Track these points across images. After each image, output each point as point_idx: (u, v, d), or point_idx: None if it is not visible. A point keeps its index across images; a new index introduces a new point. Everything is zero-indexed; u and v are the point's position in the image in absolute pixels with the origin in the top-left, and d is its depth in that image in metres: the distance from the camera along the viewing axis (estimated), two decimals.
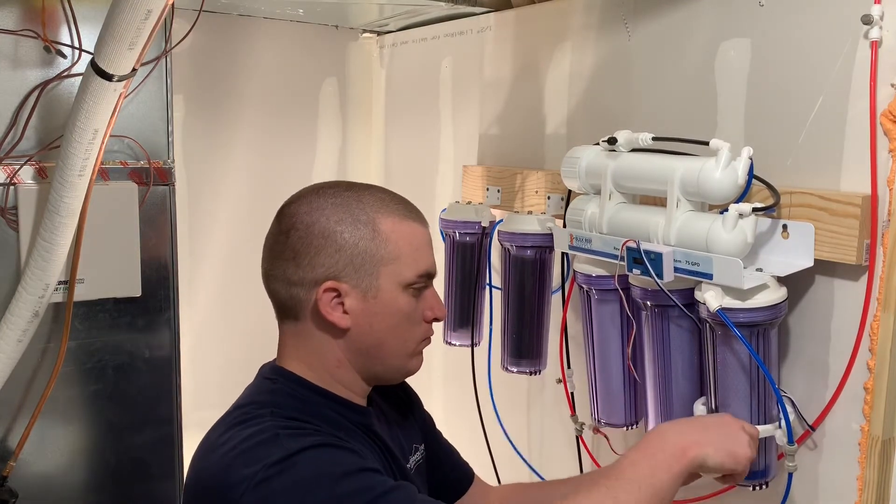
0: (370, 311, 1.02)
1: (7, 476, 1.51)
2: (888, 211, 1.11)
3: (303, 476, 0.89)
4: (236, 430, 0.96)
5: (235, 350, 2.30)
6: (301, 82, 2.32)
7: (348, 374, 1.06)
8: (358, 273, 1.01)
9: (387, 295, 1.02)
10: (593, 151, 1.40)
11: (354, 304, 1.01)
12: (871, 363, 1.14)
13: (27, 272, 1.44)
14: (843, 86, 1.16)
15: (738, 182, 1.16)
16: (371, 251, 1.01)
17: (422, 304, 1.06)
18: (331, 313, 1.01)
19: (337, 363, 1.05)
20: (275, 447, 0.92)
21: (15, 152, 1.48)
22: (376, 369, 1.07)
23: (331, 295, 1.01)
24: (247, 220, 2.27)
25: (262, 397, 1.03)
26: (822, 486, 1.22)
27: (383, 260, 1.02)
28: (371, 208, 1.03)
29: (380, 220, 1.03)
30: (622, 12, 1.54)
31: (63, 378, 1.55)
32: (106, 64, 1.27)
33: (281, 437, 0.93)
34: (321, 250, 1.01)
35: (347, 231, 1.01)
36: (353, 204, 1.03)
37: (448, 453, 1.28)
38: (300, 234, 1.02)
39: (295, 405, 1.01)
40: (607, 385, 1.44)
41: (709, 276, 1.16)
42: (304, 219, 1.03)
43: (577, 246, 1.40)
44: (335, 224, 1.01)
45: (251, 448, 0.93)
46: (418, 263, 1.04)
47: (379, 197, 1.06)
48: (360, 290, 1.01)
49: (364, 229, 1.02)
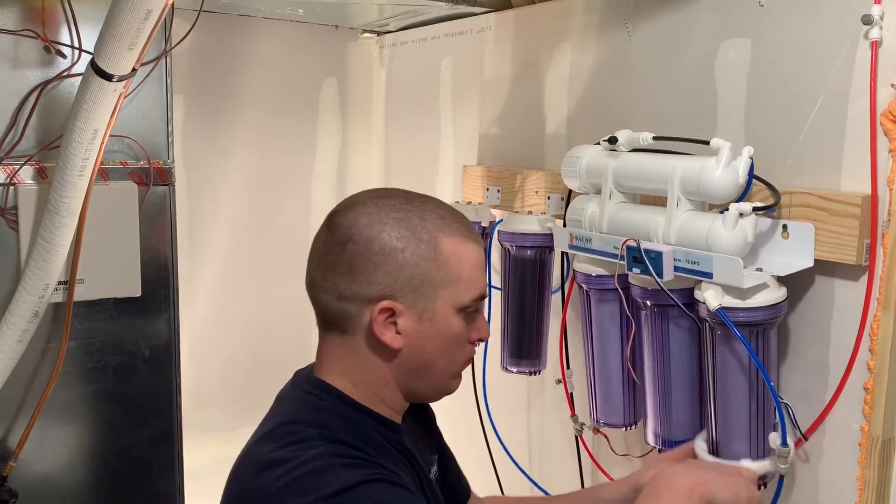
0: (424, 333, 0.99)
1: (7, 476, 1.51)
2: (888, 211, 1.11)
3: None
4: (287, 451, 0.93)
5: (235, 350, 2.30)
6: (301, 82, 2.32)
7: (392, 393, 1.03)
8: (415, 294, 0.98)
9: (441, 318, 0.99)
10: (594, 151, 1.40)
11: (408, 325, 0.98)
12: (871, 363, 1.14)
13: (27, 272, 1.44)
14: (843, 86, 1.16)
15: (739, 181, 1.16)
16: (431, 273, 0.98)
17: (470, 327, 1.04)
18: (384, 333, 0.98)
19: (384, 381, 1.02)
20: (331, 477, 0.90)
21: (15, 152, 1.48)
22: (420, 389, 1.05)
23: (385, 314, 0.98)
24: (247, 220, 2.27)
25: (307, 416, 1.00)
26: (823, 486, 1.22)
27: (442, 283, 0.99)
28: (433, 226, 0.99)
29: (441, 241, 0.99)
30: (622, 12, 1.54)
31: (63, 378, 1.55)
32: (106, 64, 1.27)
33: (336, 466, 0.91)
34: (380, 267, 0.97)
35: (409, 250, 0.97)
36: (416, 220, 0.99)
37: (453, 464, 1.27)
38: (359, 249, 0.98)
39: (342, 425, 0.99)
40: (607, 385, 1.44)
41: (709, 275, 1.16)
42: (363, 232, 0.98)
43: (577, 245, 1.39)
44: (396, 241, 0.97)
45: (306, 476, 0.90)
46: (474, 287, 1.02)
47: (440, 214, 1.02)
48: (416, 311, 0.98)
49: (426, 249, 0.98)
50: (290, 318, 2.35)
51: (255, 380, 2.31)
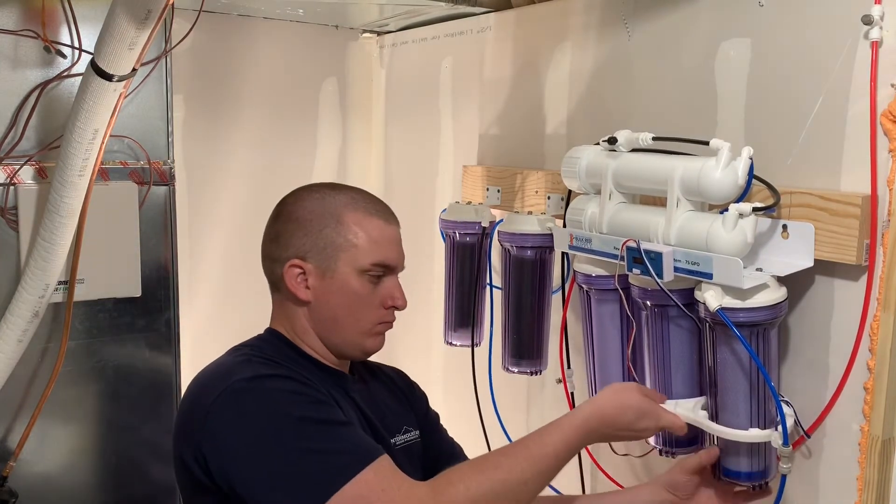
0: (327, 288, 1.18)
1: (7, 476, 1.51)
2: (888, 211, 1.11)
3: (268, 394, 1.05)
4: (219, 360, 1.15)
5: None
6: (301, 82, 2.32)
7: (314, 340, 1.21)
8: (320, 255, 1.18)
9: (342, 276, 1.18)
10: (593, 151, 1.40)
11: (315, 281, 1.18)
12: (871, 363, 1.14)
13: (27, 272, 1.44)
14: (843, 86, 1.16)
15: (738, 182, 1.16)
16: (332, 237, 1.18)
17: (381, 291, 1.20)
18: (296, 287, 1.18)
19: (303, 330, 1.21)
20: (248, 368, 1.10)
21: (15, 152, 1.48)
22: (334, 341, 1.21)
23: (296, 271, 1.18)
24: (247, 220, 2.26)
25: (250, 342, 1.22)
26: (823, 486, 1.22)
27: (342, 246, 1.18)
28: (341, 203, 1.20)
29: (346, 214, 1.19)
30: (622, 12, 1.54)
31: (63, 378, 1.55)
32: (106, 64, 1.27)
33: (254, 362, 1.12)
34: (294, 233, 1.19)
35: (317, 220, 1.19)
36: (329, 199, 1.21)
37: (449, 448, 1.36)
38: (282, 220, 1.21)
39: (273, 351, 1.18)
40: (607, 384, 1.44)
41: (709, 276, 1.16)
42: (288, 208, 1.22)
43: (577, 246, 1.39)
44: (308, 213, 1.19)
45: (226, 367, 1.11)
46: (374, 254, 1.19)
47: (353, 196, 1.22)
48: (321, 269, 1.18)
49: (330, 219, 1.19)
50: None
51: None
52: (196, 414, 1.07)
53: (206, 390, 1.08)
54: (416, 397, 1.36)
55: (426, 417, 1.35)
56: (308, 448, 1.01)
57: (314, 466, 1.00)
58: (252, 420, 1.03)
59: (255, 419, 1.03)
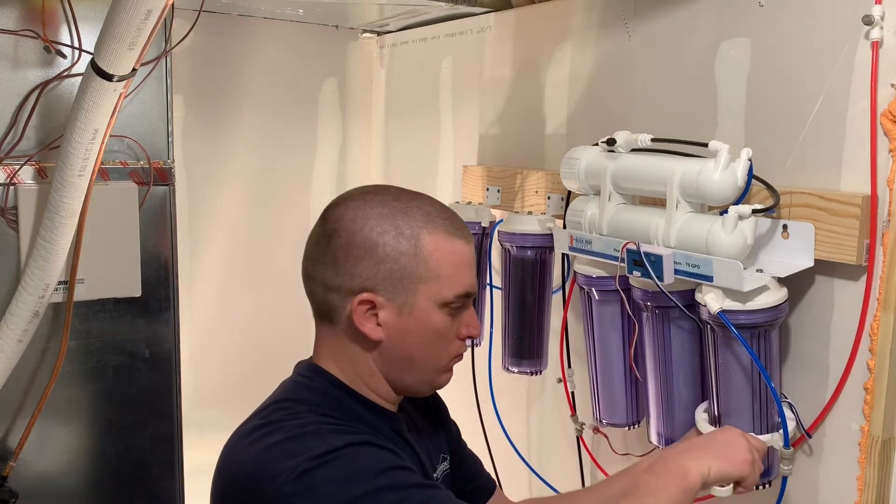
0: (404, 326, 1.01)
1: (7, 476, 1.51)
2: (888, 211, 1.11)
3: (344, 470, 0.90)
4: (276, 426, 0.97)
5: (235, 350, 2.30)
6: (301, 82, 2.32)
7: (379, 383, 1.05)
8: (395, 288, 1.00)
9: (422, 313, 1.01)
10: (592, 152, 1.40)
11: (389, 317, 1.01)
12: (870, 363, 1.14)
13: (27, 272, 1.44)
14: (843, 86, 1.16)
15: (738, 184, 1.16)
16: (411, 268, 1.00)
17: (457, 322, 1.05)
18: (364, 324, 1.01)
19: (369, 372, 1.05)
20: (318, 440, 0.93)
21: (15, 152, 1.48)
22: (406, 382, 1.06)
23: (365, 306, 1.00)
24: (247, 220, 2.27)
25: (299, 395, 1.04)
26: (823, 486, 1.22)
27: (422, 278, 1.00)
28: (417, 222, 1.01)
29: (424, 237, 1.01)
30: (622, 12, 1.54)
31: (63, 378, 1.55)
32: (106, 64, 1.27)
33: (324, 431, 0.95)
34: (361, 260, 1.00)
35: (390, 244, 1.00)
36: (399, 216, 1.01)
37: (471, 463, 1.28)
38: (342, 242, 1.01)
39: (332, 404, 1.02)
40: (609, 385, 1.44)
41: (709, 279, 1.16)
42: (347, 225, 1.01)
43: (578, 247, 1.39)
44: (378, 235, 1.00)
45: (293, 439, 0.94)
46: (457, 284, 1.03)
47: (426, 211, 1.03)
48: (396, 304, 1.00)
49: (407, 244, 1.00)
50: (290, 318, 2.35)
51: (255, 380, 2.30)
52: (265, 488, 0.91)
53: (271, 471, 0.91)
54: (443, 415, 1.25)
55: (451, 434, 1.25)
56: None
57: None
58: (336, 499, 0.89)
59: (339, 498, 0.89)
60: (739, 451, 1.05)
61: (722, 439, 1.07)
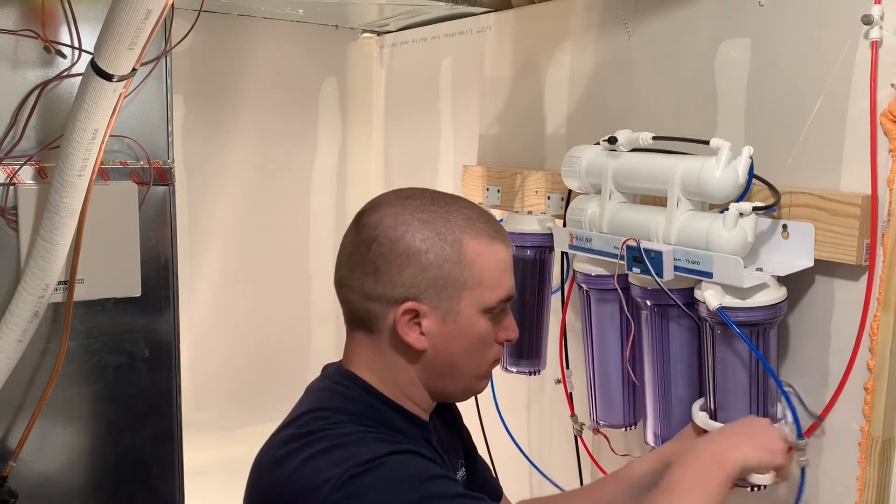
0: (448, 334, 0.99)
1: (7, 476, 1.51)
2: (888, 211, 1.11)
3: (391, 476, 0.89)
4: (316, 435, 0.94)
5: (235, 350, 2.30)
6: (301, 82, 2.32)
7: (418, 392, 1.04)
8: (439, 295, 0.98)
9: (466, 319, 0.99)
10: (593, 151, 1.40)
11: (433, 326, 0.99)
12: (871, 363, 1.14)
13: (27, 272, 1.44)
14: (843, 86, 1.16)
15: (739, 181, 1.16)
16: (455, 275, 0.98)
17: (497, 327, 1.04)
18: (408, 334, 0.99)
19: (409, 381, 1.03)
20: (364, 448, 0.91)
21: (15, 152, 1.48)
22: (447, 389, 1.05)
23: (409, 315, 0.98)
24: (247, 220, 2.27)
25: (336, 403, 1.01)
26: (823, 486, 1.22)
27: (466, 284, 0.98)
28: (458, 228, 0.99)
29: (466, 242, 0.99)
30: (622, 12, 1.54)
31: (63, 378, 1.55)
32: (106, 64, 1.27)
33: (369, 439, 0.93)
34: (404, 269, 0.97)
35: (433, 252, 0.97)
36: (440, 222, 0.99)
37: (482, 469, 1.26)
38: (383, 250, 0.98)
39: (370, 414, 1.00)
40: (606, 385, 1.44)
41: (709, 275, 1.16)
42: (388, 233, 0.98)
43: (578, 245, 1.39)
44: (420, 242, 0.97)
45: (338, 447, 0.92)
46: (500, 289, 1.01)
47: (466, 215, 1.01)
48: (440, 312, 0.99)
49: (450, 250, 0.98)
50: (289, 318, 2.35)
51: (254, 380, 2.31)
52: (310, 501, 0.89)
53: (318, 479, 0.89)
54: (458, 422, 1.23)
55: (465, 440, 1.23)
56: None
57: None
58: None
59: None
60: (774, 439, 1.06)
61: (756, 428, 1.07)
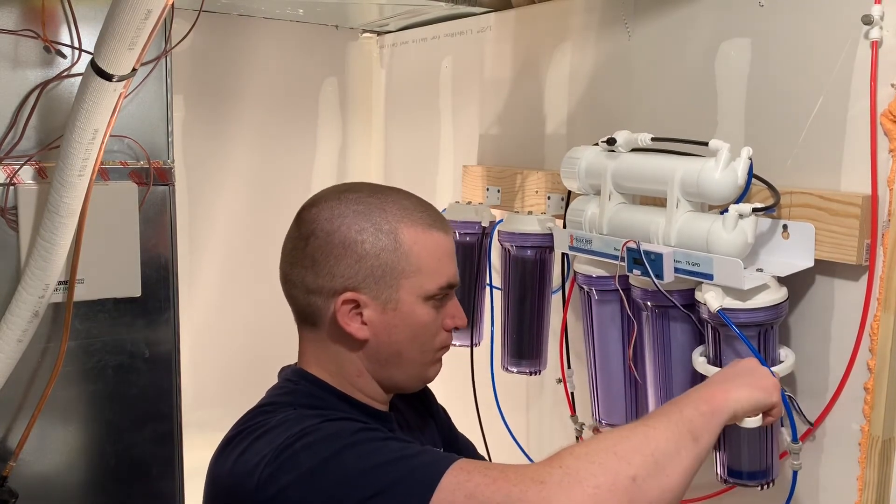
0: (389, 322, 1.00)
1: (7, 476, 1.51)
2: (888, 211, 1.11)
3: (321, 436, 0.89)
4: (254, 426, 0.95)
5: (235, 350, 2.30)
6: (301, 82, 2.32)
7: (368, 384, 1.04)
8: (378, 285, 0.99)
9: (407, 307, 1.00)
10: (593, 152, 1.40)
11: (373, 315, 1.00)
12: (871, 363, 1.14)
13: (27, 272, 1.44)
14: (843, 86, 1.16)
15: (738, 182, 1.16)
16: (392, 263, 0.99)
17: (442, 314, 1.04)
18: (349, 324, 1.00)
19: (357, 372, 1.03)
20: (298, 424, 0.91)
21: (15, 152, 1.48)
22: (396, 379, 1.05)
23: (349, 306, 0.99)
24: (247, 220, 2.27)
25: (283, 398, 1.02)
26: (823, 486, 1.22)
27: (404, 273, 0.99)
28: (394, 217, 1.00)
29: (402, 231, 1.00)
30: (622, 12, 1.54)
31: (63, 378, 1.55)
32: (106, 64, 1.27)
33: (306, 416, 0.93)
34: (341, 260, 0.99)
35: (369, 241, 0.99)
36: (376, 212, 1.00)
37: (463, 446, 1.26)
38: (320, 242, 1.00)
39: (318, 404, 1.00)
40: (608, 385, 1.44)
41: (709, 277, 1.16)
42: (324, 226, 1.00)
43: (578, 246, 1.39)
44: (356, 233, 0.99)
45: (273, 429, 0.92)
46: (440, 275, 1.02)
47: (402, 205, 1.03)
48: (380, 301, 0.99)
49: (386, 240, 0.99)
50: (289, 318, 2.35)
51: (255, 380, 2.29)
52: (246, 487, 0.89)
53: (253, 460, 0.89)
54: (432, 406, 1.23)
55: (442, 423, 1.23)
56: (384, 461, 0.86)
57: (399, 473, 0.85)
58: (320, 467, 0.86)
59: (323, 464, 0.86)
60: (766, 377, 1.03)
61: (745, 367, 1.04)
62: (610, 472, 0.82)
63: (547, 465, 0.84)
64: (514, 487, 0.81)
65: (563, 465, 0.83)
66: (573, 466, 0.82)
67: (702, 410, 0.94)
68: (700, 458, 0.90)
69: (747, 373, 1.03)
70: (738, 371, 1.04)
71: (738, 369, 1.05)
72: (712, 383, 1.02)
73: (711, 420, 0.94)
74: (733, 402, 0.97)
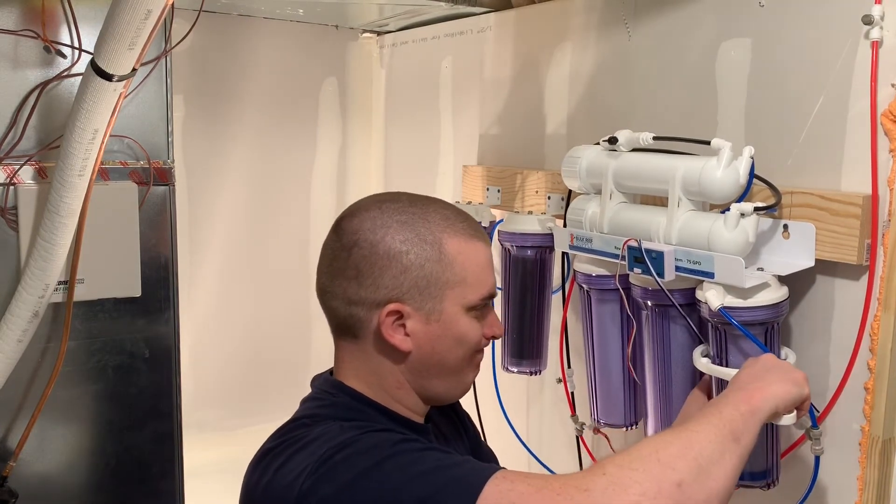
0: (433, 333, 1.00)
1: (7, 476, 1.51)
2: (888, 211, 1.11)
3: (361, 448, 0.89)
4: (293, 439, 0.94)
5: (235, 350, 2.30)
6: (301, 82, 2.32)
7: (407, 395, 1.04)
8: (422, 296, 0.99)
9: (450, 318, 1.00)
10: (594, 151, 1.40)
11: (417, 326, 1.00)
12: (871, 363, 1.14)
13: (27, 272, 1.44)
14: (843, 86, 1.16)
15: (740, 181, 1.16)
16: (437, 274, 0.99)
17: (481, 324, 1.05)
18: (393, 336, 0.99)
19: (397, 385, 1.03)
20: (339, 437, 0.91)
21: (15, 152, 1.48)
22: (437, 389, 1.05)
23: (393, 317, 0.99)
24: (247, 220, 2.27)
25: (323, 411, 1.01)
26: (823, 486, 1.22)
27: (449, 283, 0.99)
28: (437, 228, 1.00)
29: (446, 241, 1.00)
30: (622, 12, 1.54)
31: (63, 378, 1.55)
32: (106, 64, 1.27)
33: (346, 428, 0.93)
34: (385, 271, 0.98)
35: (413, 252, 0.99)
36: (419, 223, 1.00)
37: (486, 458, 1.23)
38: (364, 253, 0.99)
39: (356, 417, 0.99)
40: (607, 385, 1.44)
41: (710, 275, 1.16)
42: (367, 236, 0.99)
43: (578, 245, 1.39)
44: (400, 244, 0.99)
45: (313, 441, 0.92)
46: (482, 286, 1.02)
47: (444, 215, 1.03)
48: (424, 312, 0.99)
49: (430, 250, 0.99)
50: (289, 319, 2.35)
51: (254, 380, 2.31)
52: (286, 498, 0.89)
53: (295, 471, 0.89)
54: (464, 419, 1.23)
55: (472, 437, 1.23)
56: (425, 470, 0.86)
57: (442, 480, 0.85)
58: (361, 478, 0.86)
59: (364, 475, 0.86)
60: (793, 370, 1.02)
61: (769, 364, 1.03)
62: (654, 479, 0.82)
63: (590, 474, 0.84)
64: (559, 496, 0.81)
65: (606, 473, 0.83)
66: (617, 475, 0.82)
67: (742, 411, 0.93)
68: (743, 459, 0.90)
69: (775, 368, 1.02)
70: (765, 367, 1.03)
71: (764, 366, 1.04)
72: (745, 383, 1.01)
73: (751, 419, 0.93)
74: (771, 398, 0.96)
